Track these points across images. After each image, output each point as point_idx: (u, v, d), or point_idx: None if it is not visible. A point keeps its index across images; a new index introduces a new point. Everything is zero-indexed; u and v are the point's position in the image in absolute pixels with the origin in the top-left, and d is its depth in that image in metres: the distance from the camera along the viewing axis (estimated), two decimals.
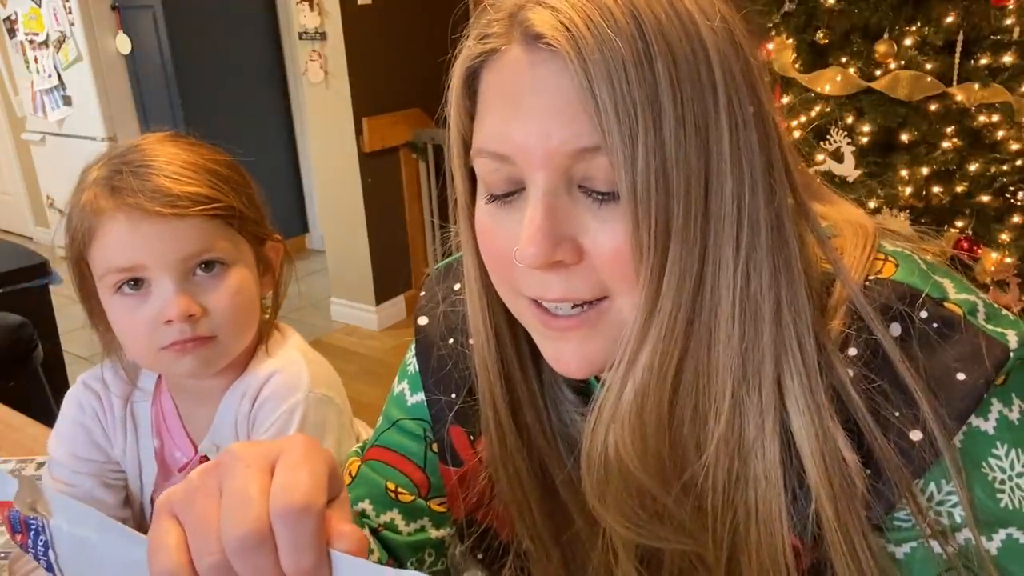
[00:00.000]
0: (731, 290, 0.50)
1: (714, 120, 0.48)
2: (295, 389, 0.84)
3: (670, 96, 0.47)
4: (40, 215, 5.14)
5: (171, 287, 0.78)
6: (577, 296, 0.52)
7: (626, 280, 0.51)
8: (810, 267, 0.54)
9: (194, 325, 0.79)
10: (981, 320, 0.52)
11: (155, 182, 0.78)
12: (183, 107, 4.20)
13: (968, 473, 0.51)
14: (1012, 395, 0.52)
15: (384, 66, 3.42)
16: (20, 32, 4.43)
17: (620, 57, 0.46)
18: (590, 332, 0.54)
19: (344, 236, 3.62)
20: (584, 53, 0.47)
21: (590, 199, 0.50)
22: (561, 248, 0.50)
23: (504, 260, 0.55)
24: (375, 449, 0.74)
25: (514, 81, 0.51)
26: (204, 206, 0.79)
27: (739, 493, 0.54)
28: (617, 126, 0.47)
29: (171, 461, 0.92)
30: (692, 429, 0.54)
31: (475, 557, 0.72)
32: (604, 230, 0.50)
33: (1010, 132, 1.94)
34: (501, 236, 0.54)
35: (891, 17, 1.99)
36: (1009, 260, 1.97)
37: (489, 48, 0.53)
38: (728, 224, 0.49)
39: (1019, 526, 0.51)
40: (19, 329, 2.16)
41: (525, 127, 0.50)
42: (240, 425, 0.86)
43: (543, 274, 0.52)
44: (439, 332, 0.71)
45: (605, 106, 0.47)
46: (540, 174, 0.50)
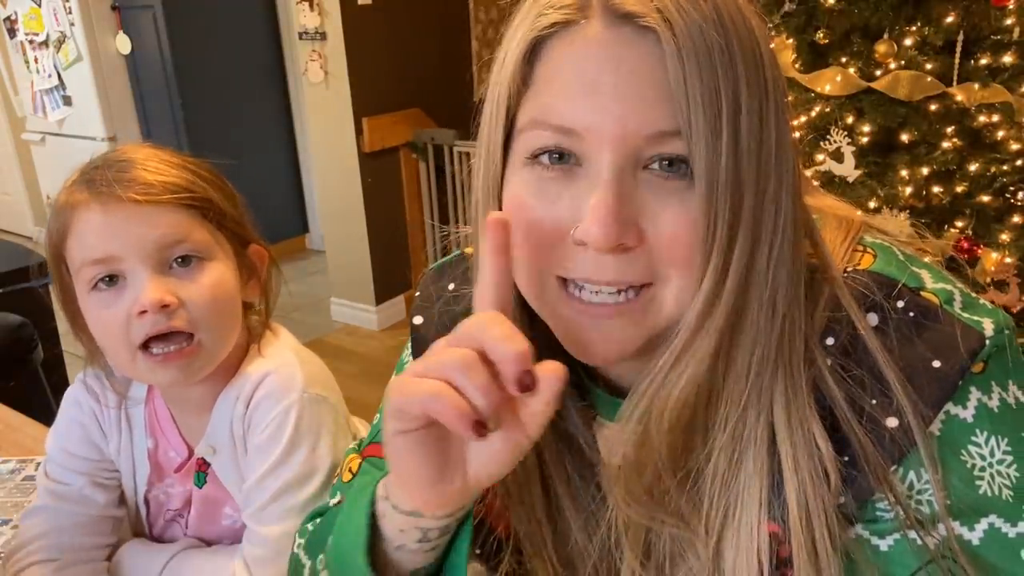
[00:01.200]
0: (760, 285, 0.52)
1: (768, 121, 0.50)
2: (289, 390, 0.84)
3: (746, 91, 0.48)
4: (40, 215, 5.14)
5: (145, 276, 0.77)
6: (626, 280, 0.52)
7: (677, 265, 0.51)
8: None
9: (169, 316, 0.77)
10: (958, 309, 0.53)
11: (130, 172, 0.78)
12: (183, 107, 4.20)
13: (946, 461, 0.52)
14: (991, 383, 0.52)
15: (384, 66, 3.42)
16: (20, 32, 4.43)
17: (708, 45, 0.47)
18: (627, 322, 0.53)
19: (344, 236, 3.62)
20: (679, 36, 0.47)
21: (655, 181, 0.50)
22: (627, 232, 0.50)
23: (545, 236, 0.53)
24: (375, 446, 0.74)
25: (592, 59, 0.50)
26: (179, 195, 0.79)
27: (734, 480, 0.55)
28: (703, 114, 0.47)
29: (165, 461, 0.92)
30: (704, 417, 0.55)
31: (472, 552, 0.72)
32: (666, 214, 0.50)
33: (1010, 132, 1.94)
34: (546, 211, 0.53)
35: (891, 17, 1.99)
36: (1009, 260, 1.96)
37: (563, 19, 0.51)
38: (768, 221, 0.51)
39: (1000, 514, 0.51)
40: (19, 329, 2.16)
41: (603, 107, 0.49)
42: (235, 427, 0.86)
43: (599, 256, 0.51)
44: (434, 331, 0.71)
45: (696, 92, 0.47)
46: (610, 155, 0.50)
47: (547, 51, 0.52)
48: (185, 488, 0.92)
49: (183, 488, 0.92)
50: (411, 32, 3.50)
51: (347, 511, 0.61)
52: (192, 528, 0.93)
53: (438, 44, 3.65)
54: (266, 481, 0.83)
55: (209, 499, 0.90)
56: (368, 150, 3.41)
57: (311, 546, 0.69)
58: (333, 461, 0.84)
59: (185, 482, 0.91)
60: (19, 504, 1.08)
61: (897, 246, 0.58)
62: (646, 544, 0.60)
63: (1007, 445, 0.52)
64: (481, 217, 0.59)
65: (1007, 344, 0.52)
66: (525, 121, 0.53)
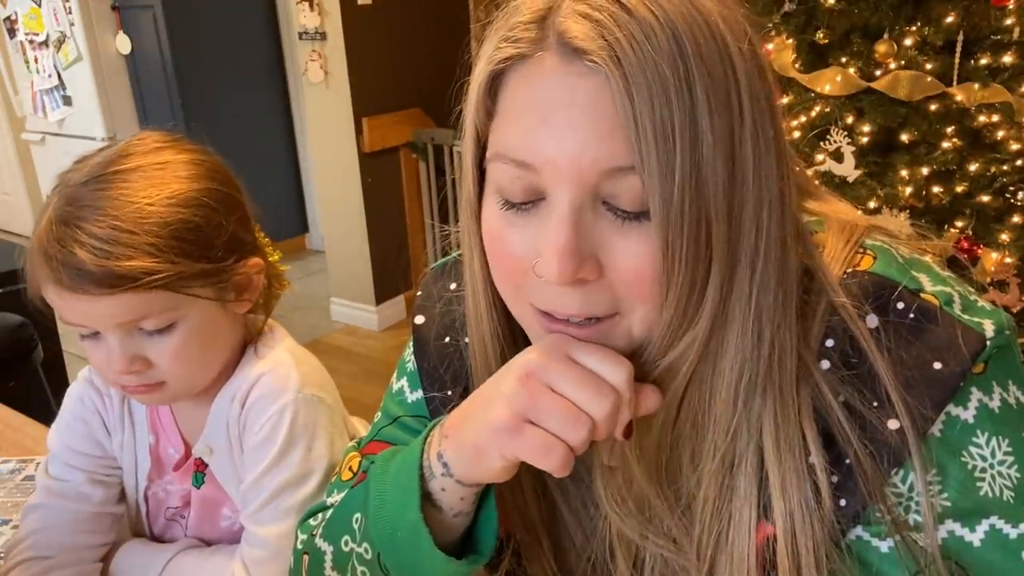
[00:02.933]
0: (743, 310, 0.51)
1: (739, 145, 0.48)
2: (284, 390, 0.84)
3: (707, 120, 0.47)
4: None
5: (115, 342, 0.78)
6: (590, 312, 0.52)
7: (642, 298, 0.51)
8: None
9: (139, 375, 0.79)
10: (957, 310, 0.53)
11: (77, 258, 0.73)
12: (183, 107, 4.20)
13: (947, 462, 0.51)
14: (992, 383, 0.52)
15: (384, 66, 3.42)
16: (20, 32, 4.43)
17: (662, 79, 0.46)
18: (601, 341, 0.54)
19: (344, 236, 3.62)
20: (628, 73, 0.46)
21: (614, 216, 0.50)
22: (585, 266, 0.50)
23: (514, 267, 0.54)
24: (376, 444, 0.74)
25: (546, 92, 0.49)
26: (139, 281, 0.73)
27: (726, 506, 0.55)
28: (655, 149, 0.46)
29: (165, 457, 0.92)
30: (689, 443, 0.56)
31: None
32: (627, 248, 0.50)
33: (1010, 132, 1.94)
34: (514, 243, 0.53)
35: (891, 17, 1.99)
36: (1009, 260, 1.96)
37: (518, 53, 0.51)
38: (747, 246, 0.50)
39: (1001, 515, 0.51)
40: (19, 329, 2.16)
41: (557, 141, 0.49)
42: (232, 428, 0.86)
43: (560, 288, 0.51)
44: (435, 330, 0.71)
45: (645, 129, 0.46)
46: (567, 190, 0.49)
47: (506, 82, 0.52)
48: (184, 487, 0.92)
49: (181, 487, 0.92)
50: (411, 32, 3.50)
51: (381, 483, 0.61)
52: (192, 529, 0.93)
53: (438, 44, 3.65)
54: (263, 482, 0.83)
55: (208, 500, 0.90)
56: (368, 150, 3.41)
57: (331, 530, 0.68)
58: (330, 461, 0.84)
59: (184, 481, 0.91)
60: (19, 504, 1.08)
61: (896, 248, 0.58)
62: (639, 557, 0.60)
63: (1008, 446, 0.52)
64: (465, 239, 0.60)
65: (1008, 344, 0.52)
66: (491, 153, 0.54)
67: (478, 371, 0.64)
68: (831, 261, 0.56)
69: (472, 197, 0.57)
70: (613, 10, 0.47)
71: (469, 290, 0.63)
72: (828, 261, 0.56)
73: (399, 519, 0.58)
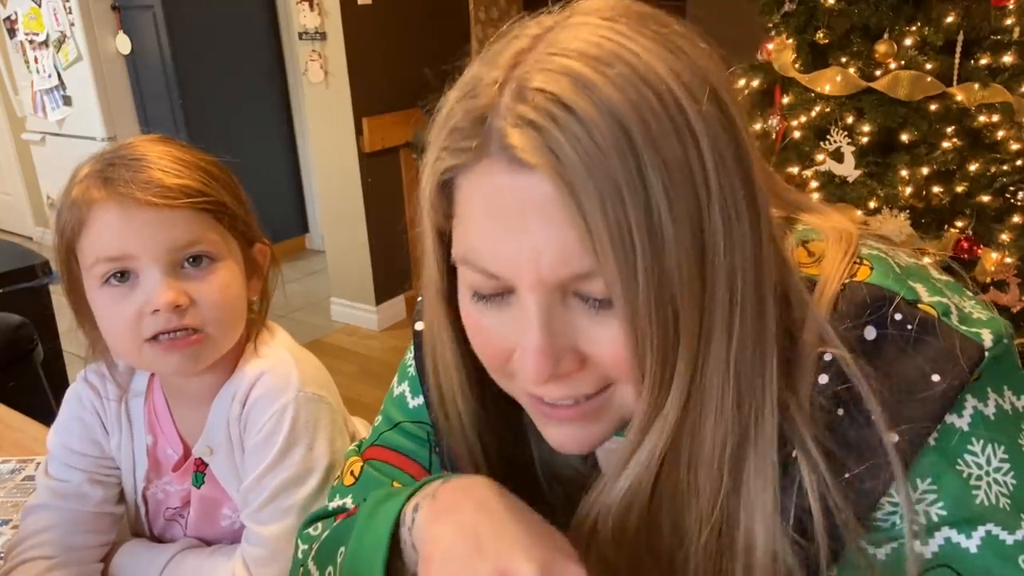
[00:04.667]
0: (720, 376, 0.50)
1: (707, 219, 0.46)
2: (285, 389, 0.84)
3: (666, 207, 0.44)
4: (40, 215, 5.14)
5: (159, 276, 0.78)
6: (579, 394, 0.52)
7: (630, 374, 0.50)
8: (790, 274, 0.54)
9: (181, 315, 0.79)
10: (955, 321, 0.52)
11: (147, 174, 0.79)
12: (183, 107, 4.20)
13: (943, 471, 0.51)
14: (988, 389, 0.52)
15: (384, 66, 3.42)
16: (20, 32, 4.43)
17: (612, 179, 0.44)
18: (592, 421, 0.54)
19: (344, 236, 3.62)
20: (575, 181, 0.44)
21: (586, 305, 0.49)
22: (563, 361, 0.50)
23: (497, 354, 0.54)
24: (377, 449, 0.74)
25: (497, 201, 0.48)
26: (195, 199, 0.80)
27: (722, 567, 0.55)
28: (612, 252, 0.45)
29: (163, 458, 0.92)
30: (670, 514, 0.55)
31: None
32: (603, 335, 0.49)
33: (1010, 132, 1.94)
34: (492, 332, 0.53)
35: (891, 17, 1.99)
36: (1009, 260, 1.96)
37: (462, 162, 0.49)
38: (720, 314, 0.48)
39: (997, 522, 0.51)
40: (19, 329, 2.15)
41: (515, 248, 0.47)
42: (232, 427, 0.86)
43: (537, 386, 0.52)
44: None
45: (600, 234, 0.44)
46: (534, 295, 0.48)
47: (458, 187, 0.51)
48: (183, 487, 0.92)
49: (181, 487, 0.92)
50: (411, 32, 3.50)
51: (363, 528, 0.61)
52: (192, 528, 0.93)
53: (438, 44, 3.64)
54: (263, 481, 0.83)
55: (208, 499, 0.90)
56: (368, 150, 3.41)
57: (320, 556, 0.68)
58: (330, 460, 0.84)
59: (183, 481, 0.91)
60: (19, 504, 1.08)
61: (893, 255, 0.57)
62: None
63: (1004, 452, 0.51)
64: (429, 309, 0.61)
65: (1006, 351, 0.52)
66: (457, 255, 0.53)
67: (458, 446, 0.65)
68: (831, 273, 0.55)
69: (439, 285, 0.57)
70: (552, 111, 0.44)
71: (438, 368, 0.63)
72: (826, 276, 0.55)
73: (369, 567, 0.58)
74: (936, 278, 0.56)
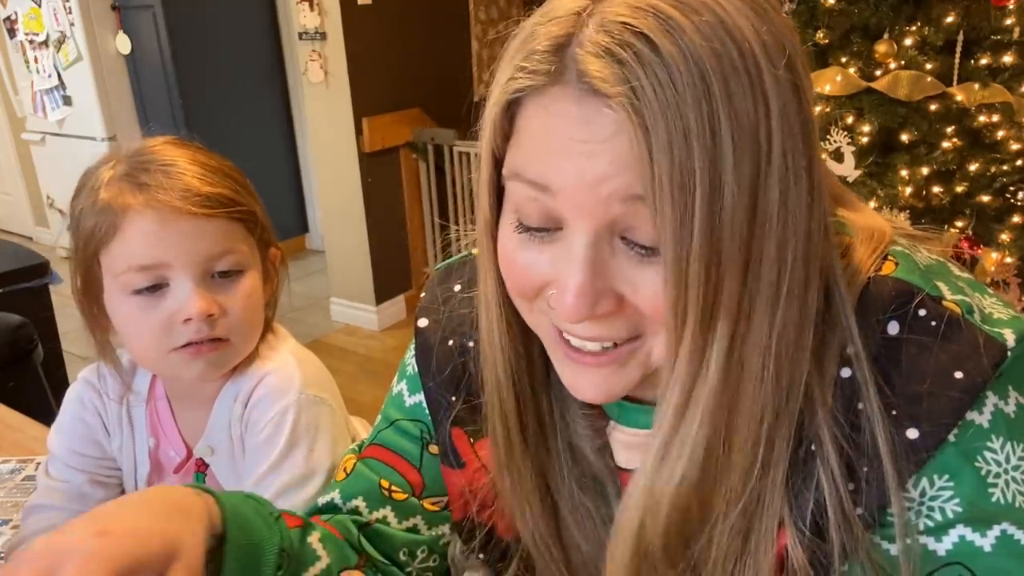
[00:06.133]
0: (762, 347, 0.49)
1: (764, 188, 0.46)
2: (287, 391, 0.84)
3: (730, 163, 0.45)
4: (40, 215, 5.14)
5: (190, 286, 0.79)
6: (609, 338, 0.52)
7: (664, 325, 0.50)
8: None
9: (212, 324, 0.80)
10: (978, 320, 0.52)
11: (183, 181, 0.78)
12: (183, 107, 4.20)
13: (960, 467, 0.51)
14: (1008, 387, 0.52)
15: (384, 66, 3.42)
16: (20, 32, 4.43)
17: (683, 124, 0.44)
18: (616, 369, 0.54)
19: (344, 236, 3.62)
20: (649, 121, 0.44)
21: (631, 251, 0.49)
22: (601, 302, 0.49)
23: (528, 288, 0.54)
24: (372, 447, 0.74)
25: (564, 126, 0.48)
26: (229, 208, 0.80)
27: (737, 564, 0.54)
28: (670, 194, 0.45)
29: (165, 461, 0.92)
30: (699, 491, 0.54)
31: (476, 557, 0.72)
32: (645, 282, 0.49)
33: (1010, 132, 1.94)
34: (529, 267, 0.53)
35: (891, 17, 1.99)
36: (1009, 260, 1.97)
37: (536, 83, 0.49)
38: (767, 284, 0.48)
39: (1013, 521, 0.51)
40: (19, 329, 2.15)
41: (575, 171, 0.47)
42: (234, 427, 0.86)
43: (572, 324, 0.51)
44: (439, 334, 0.71)
45: (662, 174, 0.44)
46: (583, 222, 0.48)
47: (523, 108, 0.51)
48: None
49: None
50: (411, 32, 3.50)
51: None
52: None
53: (438, 44, 3.64)
54: (265, 482, 0.83)
55: None
56: (368, 150, 3.41)
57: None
58: (332, 462, 0.84)
59: (184, 481, 0.91)
60: (19, 504, 1.08)
61: (918, 252, 0.57)
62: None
63: (1022, 451, 0.51)
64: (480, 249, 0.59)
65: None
66: (509, 171, 0.53)
67: (489, 384, 0.64)
68: (856, 269, 0.55)
69: (488, 216, 0.56)
70: (638, 48, 0.44)
71: (481, 304, 0.62)
72: (852, 269, 0.55)
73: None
74: (957, 275, 0.57)
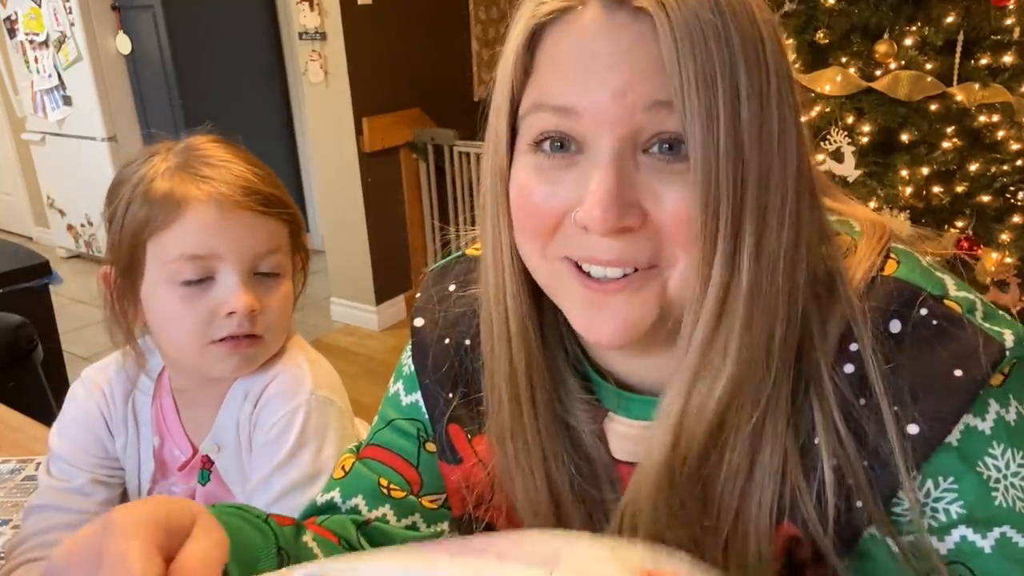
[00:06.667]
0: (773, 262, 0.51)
1: (767, 105, 0.50)
2: (297, 391, 0.85)
3: (745, 74, 0.48)
4: (40, 215, 5.13)
5: (236, 280, 0.80)
6: (630, 260, 0.52)
7: (683, 246, 0.51)
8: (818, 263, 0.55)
9: (253, 320, 0.82)
10: (979, 319, 0.53)
11: (246, 178, 0.81)
12: (183, 107, 4.20)
13: (963, 471, 0.52)
14: (1009, 396, 0.53)
15: (384, 66, 3.42)
16: (20, 32, 4.43)
17: (704, 28, 0.48)
18: (633, 296, 0.53)
19: (344, 236, 3.62)
20: (672, 19, 0.47)
21: (655, 161, 0.51)
22: (629, 214, 0.50)
23: (546, 220, 0.54)
24: (370, 447, 0.75)
25: (589, 40, 0.50)
26: (282, 209, 0.84)
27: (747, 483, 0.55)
28: (697, 92, 0.47)
29: (170, 460, 0.92)
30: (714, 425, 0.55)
31: None
32: (670, 194, 0.50)
33: (1010, 132, 1.94)
34: (546, 196, 0.53)
35: (891, 17, 1.99)
36: (1009, 260, 1.97)
37: (562, 6, 0.52)
38: (774, 209, 0.51)
39: (1013, 525, 0.52)
40: (19, 329, 2.15)
41: (599, 84, 0.50)
42: (242, 426, 0.86)
43: (600, 238, 0.51)
44: (436, 333, 0.71)
45: (689, 71, 0.47)
46: (609, 134, 0.50)
47: (547, 38, 0.53)
48: (188, 486, 0.92)
49: (186, 486, 0.92)
50: (411, 32, 3.50)
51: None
52: None
53: (438, 44, 3.64)
54: (271, 480, 0.83)
55: (212, 497, 0.90)
56: (368, 150, 3.41)
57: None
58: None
59: (188, 480, 0.91)
60: (19, 504, 1.08)
61: (919, 252, 0.58)
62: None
63: (1022, 458, 0.52)
64: (490, 211, 0.59)
65: None
66: (527, 106, 0.54)
67: (493, 354, 0.63)
68: (863, 263, 0.56)
69: (503, 161, 0.57)
70: None
71: (491, 266, 0.61)
72: (857, 261, 0.56)
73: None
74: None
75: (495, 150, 0.57)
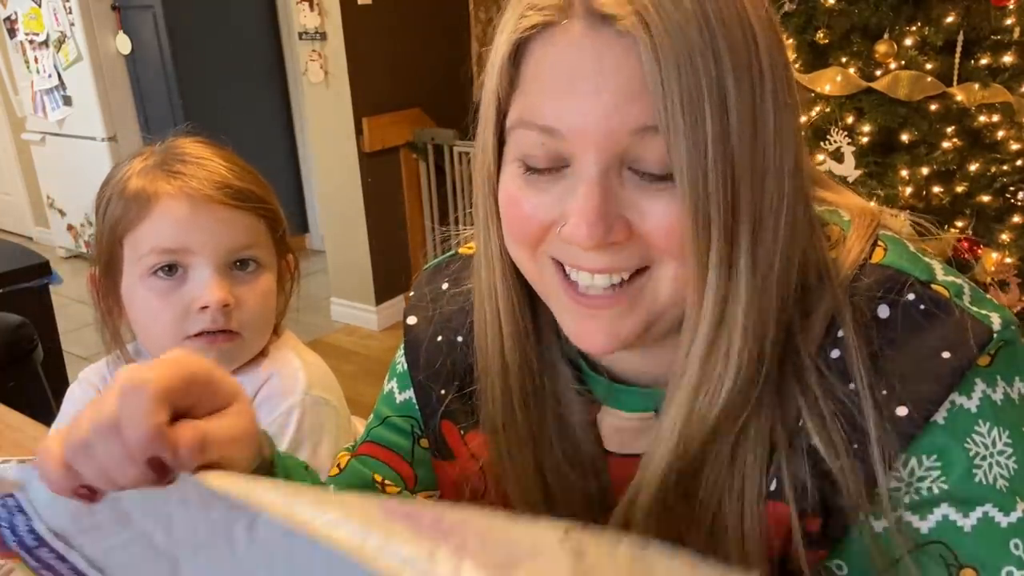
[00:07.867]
0: (766, 263, 0.51)
1: (760, 109, 0.49)
2: (292, 391, 0.85)
3: (733, 84, 0.48)
4: (40, 215, 5.13)
5: (209, 274, 0.80)
6: (618, 268, 0.52)
7: (673, 252, 0.51)
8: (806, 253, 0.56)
9: (227, 315, 0.81)
10: (967, 302, 0.54)
11: (219, 173, 0.81)
12: (183, 107, 4.20)
13: (950, 448, 0.52)
14: (997, 377, 0.53)
15: (384, 66, 3.42)
16: (20, 32, 4.43)
17: (688, 44, 0.47)
18: (624, 310, 0.54)
19: (344, 236, 3.63)
20: (656, 38, 0.47)
21: (639, 179, 0.50)
22: (614, 228, 0.50)
23: (533, 229, 0.54)
24: (365, 445, 0.75)
25: (573, 58, 0.50)
26: (257, 204, 0.83)
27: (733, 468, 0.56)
28: (682, 112, 0.47)
29: None
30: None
31: None
32: (655, 208, 0.50)
33: (1010, 132, 1.94)
34: (533, 206, 0.54)
35: (891, 17, 1.99)
36: (1009, 260, 1.97)
37: (543, 21, 0.51)
38: (768, 214, 0.50)
39: (995, 503, 0.52)
40: (19, 329, 2.15)
41: (584, 106, 0.49)
42: None
43: (586, 251, 0.52)
44: (429, 331, 0.71)
45: (672, 92, 0.47)
46: (594, 154, 0.50)
47: (531, 51, 0.53)
48: None
49: None
50: (411, 32, 3.49)
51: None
52: None
53: (438, 44, 3.64)
54: None
55: None
56: (368, 150, 3.41)
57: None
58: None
59: None
60: None
61: (906, 238, 0.59)
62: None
63: (1008, 438, 0.53)
64: (481, 213, 0.59)
65: (1014, 340, 0.53)
66: (513, 120, 0.54)
67: (486, 350, 0.64)
68: (852, 251, 0.57)
69: (491, 169, 0.57)
70: None
71: (483, 265, 0.62)
72: (847, 251, 0.57)
73: None
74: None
75: (483, 158, 0.58)
